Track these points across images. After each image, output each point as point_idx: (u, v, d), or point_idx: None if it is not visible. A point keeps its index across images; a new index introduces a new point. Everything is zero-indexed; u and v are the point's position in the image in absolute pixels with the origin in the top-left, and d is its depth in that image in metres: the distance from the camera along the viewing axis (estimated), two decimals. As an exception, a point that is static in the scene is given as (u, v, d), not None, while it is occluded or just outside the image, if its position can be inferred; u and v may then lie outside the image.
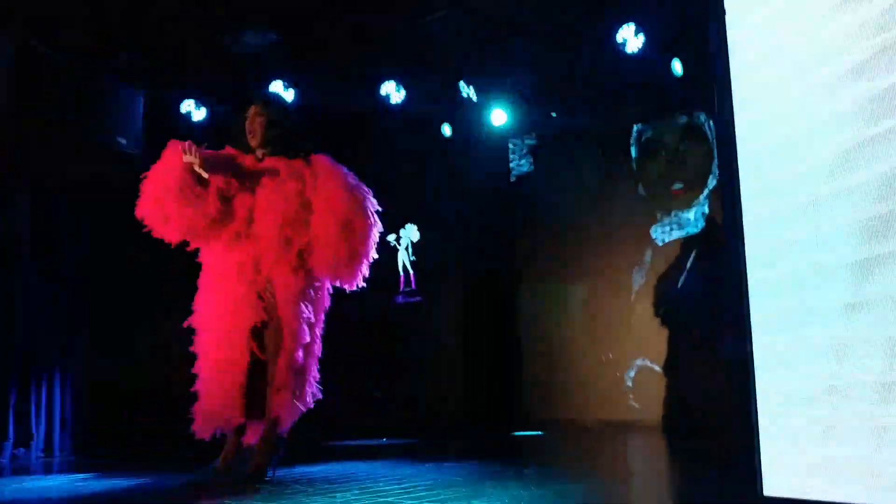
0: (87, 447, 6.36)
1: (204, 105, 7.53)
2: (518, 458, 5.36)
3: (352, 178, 4.23)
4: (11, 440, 5.93)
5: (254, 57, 6.90)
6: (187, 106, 7.51)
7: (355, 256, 4.10)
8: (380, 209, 4.36)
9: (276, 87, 7.45)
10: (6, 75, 6.19)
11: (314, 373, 4.12)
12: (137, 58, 6.74)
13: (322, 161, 4.20)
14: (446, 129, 8.21)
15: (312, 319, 4.06)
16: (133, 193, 4.10)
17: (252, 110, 4.22)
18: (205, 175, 3.86)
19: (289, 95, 7.44)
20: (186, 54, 6.95)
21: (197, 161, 3.80)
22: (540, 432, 7.10)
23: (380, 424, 7.55)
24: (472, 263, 8.41)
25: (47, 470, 5.37)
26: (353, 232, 4.06)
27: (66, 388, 6.48)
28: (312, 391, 4.09)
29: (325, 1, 6.46)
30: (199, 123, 7.50)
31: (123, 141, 6.65)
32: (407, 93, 7.71)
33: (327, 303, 4.27)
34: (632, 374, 7.48)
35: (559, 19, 6.72)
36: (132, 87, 6.75)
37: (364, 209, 4.16)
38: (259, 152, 4.20)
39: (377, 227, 4.25)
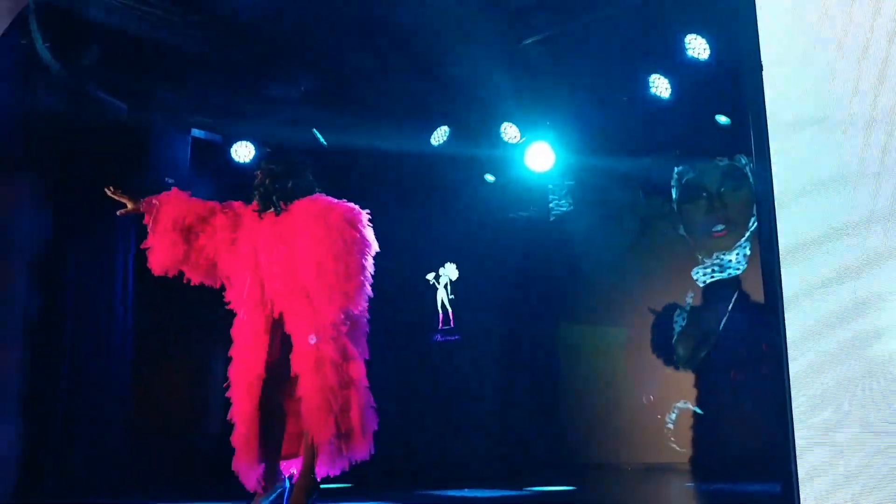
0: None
1: (253, 146, 7.70)
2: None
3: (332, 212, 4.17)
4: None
5: (298, 102, 7.05)
6: (236, 148, 7.69)
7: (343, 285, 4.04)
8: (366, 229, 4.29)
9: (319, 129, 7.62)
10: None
11: (364, 399, 4.05)
12: (185, 100, 6.95)
13: (301, 206, 4.21)
14: (489, 177, 8.33)
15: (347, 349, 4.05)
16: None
17: (259, 174, 4.34)
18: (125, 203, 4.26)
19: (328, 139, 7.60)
20: (237, 97, 7.15)
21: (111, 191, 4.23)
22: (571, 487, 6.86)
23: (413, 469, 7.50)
24: (512, 304, 8.42)
25: None
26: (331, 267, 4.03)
27: (106, 424, 6.61)
28: (364, 410, 4.03)
29: (366, 44, 6.60)
30: (246, 165, 7.67)
31: (171, 181, 6.84)
32: (449, 134, 7.83)
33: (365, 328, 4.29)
34: (673, 416, 7.39)
35: (600, 65, 6.79)
36: (180, 128, 6.98)
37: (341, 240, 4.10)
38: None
39: (364, 250, 4.20)
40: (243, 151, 7.69)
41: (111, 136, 6.69)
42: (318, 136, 7.56)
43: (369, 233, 4.23)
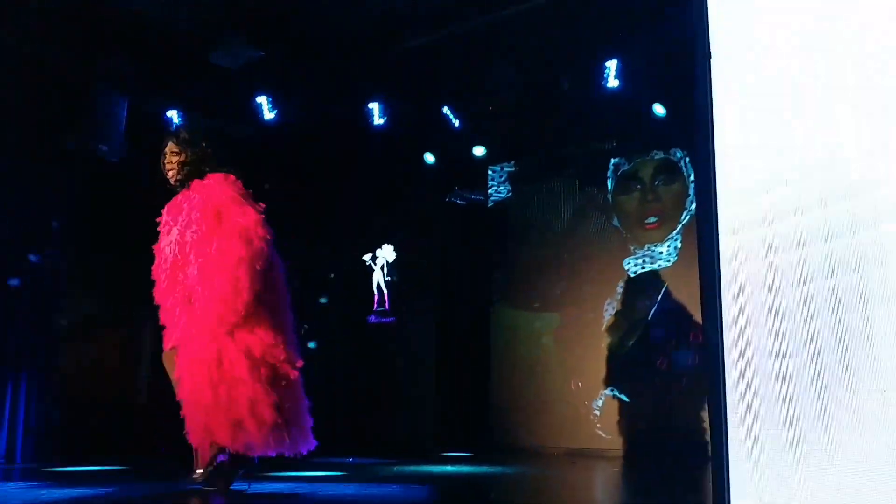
0: (51, 455, 6.28)
1: (188, 116, 7.54)
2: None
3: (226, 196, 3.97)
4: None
5: (239, 72, 6.92)
6: (171, 115, 7.52)
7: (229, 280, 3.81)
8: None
9: (260, 101, 7.52)
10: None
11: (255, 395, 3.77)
12: (124, 65, 6.75)
13: (201, 184, 4.04)
14: (429, 157, 8.33)
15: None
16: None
17: (168, 147, 4.13)
18: None
19: (271, 114, 7.50)
20: (174, 64, 6.97)
21: None
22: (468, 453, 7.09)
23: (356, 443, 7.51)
24: (447, 287, 8.47)
25: (6, 477, 5.31)
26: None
27: (32, 393, 6.42)
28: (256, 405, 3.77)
29: (311, 20, 6.51)
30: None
31: (105, 148, 6.67)
32: (390, 115, 7.80)
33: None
34: (600, 402, 7.55)
35: (545, 49, 6.84)
36: (117, 93, 6.78)
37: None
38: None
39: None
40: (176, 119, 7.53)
41: (45, 98, 6.46)
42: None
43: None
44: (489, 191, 8.57)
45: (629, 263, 7.72)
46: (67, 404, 6.70)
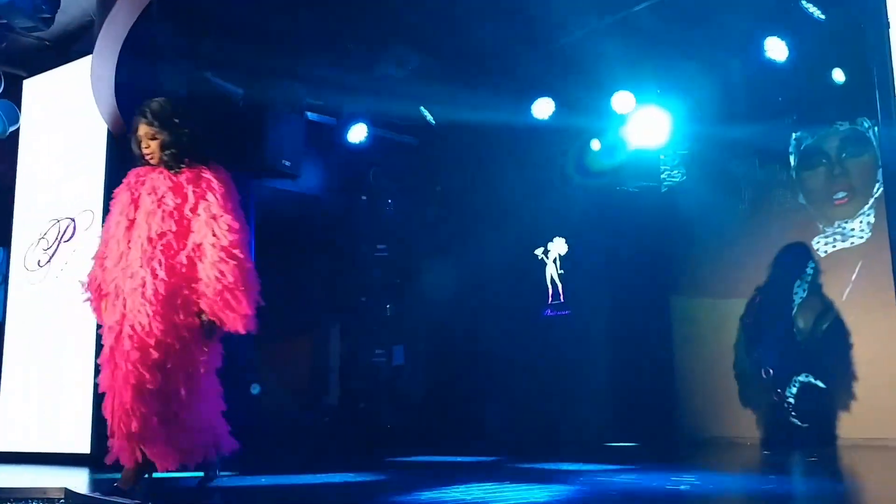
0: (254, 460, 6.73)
1: (365, 126, 7.88)
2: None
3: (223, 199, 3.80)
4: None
5: (406, 79, 7.15)
6: (352, 130, 7.89)
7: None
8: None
9: (426, 106, 7.72)
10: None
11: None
12: (298, 85, 7.15)
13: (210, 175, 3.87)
14: (595, 144, 8.23)
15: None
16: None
17: (142, 130, 3.87)
18: None
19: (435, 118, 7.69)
20: (345, 78, 7.31)
21: None
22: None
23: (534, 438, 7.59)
24: (623, 278, 8.34)
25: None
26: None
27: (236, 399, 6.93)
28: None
29: (470, 22, 6.62)
30: (359, 145, 7.84)
31: (288, 163, 7.09)
32: (555, 109, 7.78)
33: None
34: (793, 390, 7.19)
35: (709, 31, 6.62)
36: (294, 111, 7.18)
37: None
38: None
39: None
40: (358, 132, 7.87)
41: (229, 121, 6.95)
42: (426, 113, 7.65)
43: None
44: (662, 176, 8.35)
45: (818, 242, 7.29)
46: (262, 408, 7.16)
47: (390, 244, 8.83)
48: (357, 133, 7.91)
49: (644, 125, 7.69)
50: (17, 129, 7.11)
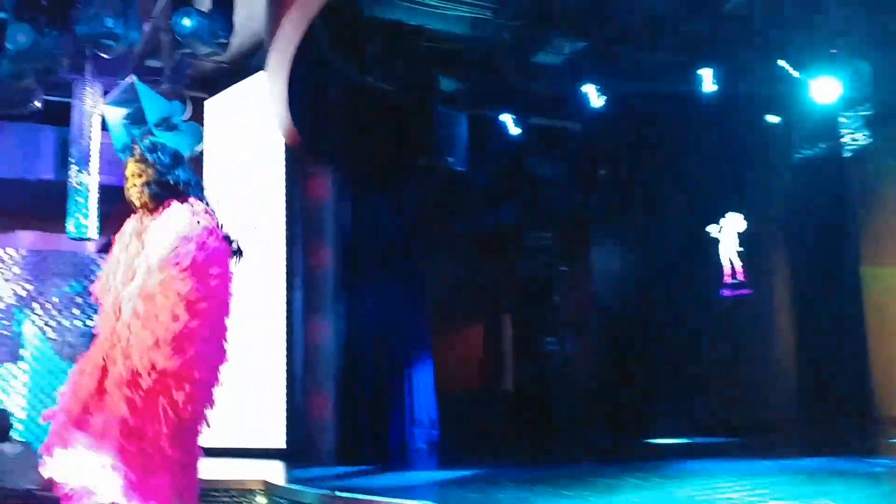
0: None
1: (520, 118, 7.91)
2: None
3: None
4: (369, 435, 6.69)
5: (563, 66, 7.10)
6: (505, 119, 7.94)
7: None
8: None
9: (587, 91, 7.61)
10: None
11: None
12: (458, 82, 7.27)
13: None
14: (771, 118, 7.84)
15: None
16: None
17: (130, 168, 3.40)
18: None
19: (600, 101, 7.56)
20: (501, 71, 7.36)
21: None
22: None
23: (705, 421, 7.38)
24: (808, 250, 7.90)
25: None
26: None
27: (415, 388, 7.16)
28: None
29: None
30: (519, 136, 7.88)
31: (452, 160, 7.23)
32: (722, 80, 7.46)
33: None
34: None
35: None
36: (456, 109, 7.31)
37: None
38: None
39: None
40: (518, 123, 7.93)
41: (393, 122, 7.18)
42: (589, 96, 7.54)
43: None
44: (843, 140, 7.82)
45: None
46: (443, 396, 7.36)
47: (556, 232, 8.82)
48: (517, 124, 7.95)
49: (821, 87, 7.22)
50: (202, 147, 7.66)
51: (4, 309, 7.13)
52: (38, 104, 7.02)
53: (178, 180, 3.39)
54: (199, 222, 3.25)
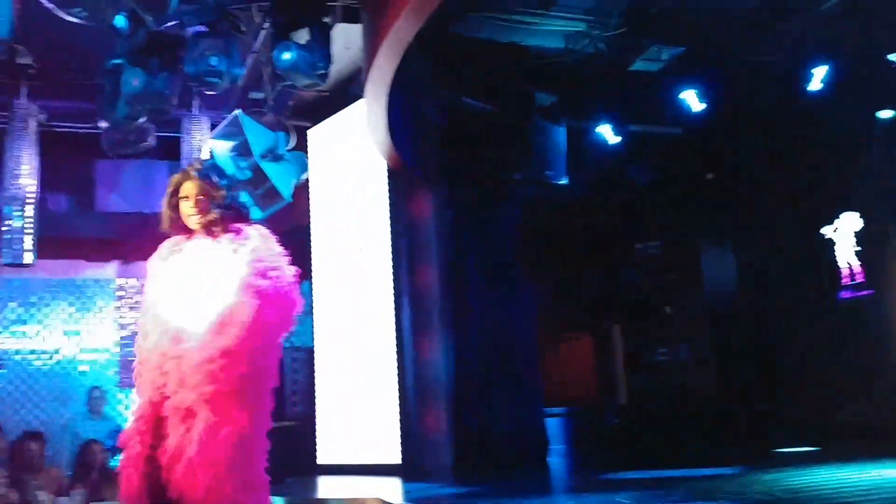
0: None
1: (617, 127, 7.83)
2: None
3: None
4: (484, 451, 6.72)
5: (661, 73, 7.01)
6: (605, 131, 7.87)
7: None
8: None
9: (686, 96, 7.48)
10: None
11: None
12: (554, 95, 7.27)
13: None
14: (882, 114, 7.51)
15: None
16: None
17: (194, 189, 3.40)
18: None
19: (701, 105, 7.42)
20: (597, 81, 7.32)
21: None
22: None
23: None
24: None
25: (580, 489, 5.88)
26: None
27: (525, 402, 7.14)
28: None
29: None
30: (616, 146, 7.81)
31: (551, 173, 7.22)
32: (833, 76, 7.20)
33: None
34: None
35: None
36: (553, 122, 7.31)
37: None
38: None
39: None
40: (616, 131, 7.85)
41: (491, 140, 7.23)
42: (689, 101, 7.42)
43: None
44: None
45: None
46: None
47: (663, 240, 8.67)
48: (614, 132, 7.87)
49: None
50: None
51: (130, 336, 7.51)
52: (151, 141, 7.37)
53: (241, 204, 3.49)
54: (273, 248, 3.35)
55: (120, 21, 5.92)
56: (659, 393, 8.46)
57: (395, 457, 6.87)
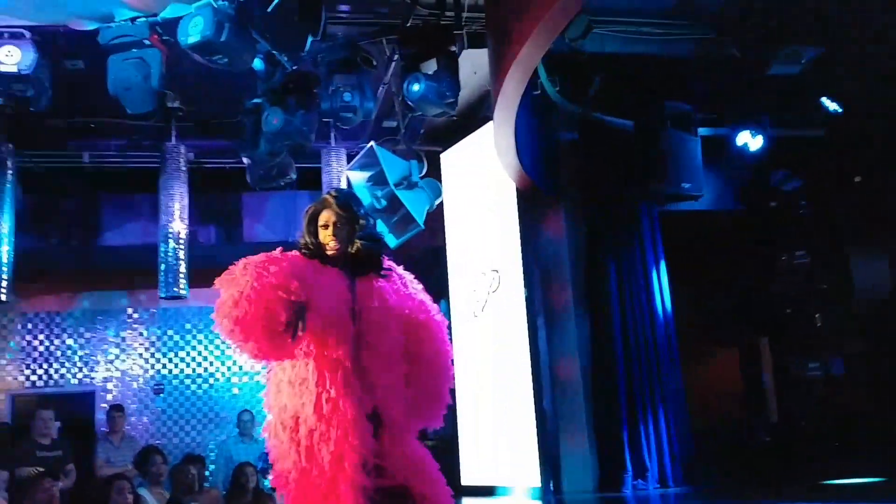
0: (696, 478, 6.72)
1: (757, 132, 7.55)
2: None
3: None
4: (630, 473, 6.60)
5: (801, 75, 6.72)
6: (743, 138, 7.60)
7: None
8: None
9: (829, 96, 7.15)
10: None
11: None
12: (687, 105, 7.09)
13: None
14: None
15: None
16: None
17: (333, 217, 3.31)
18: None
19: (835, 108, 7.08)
20: (733, 88, 7.10)
21: None
22: None
23: None
24: None
25: (664, 501, 5.81)
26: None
27: (670, 421, 6.95)
28: None
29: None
30: (756, 153, 7.52)
31: (688, 186, 7.03)
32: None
33: None
34: None
35: None
36: (688, 132, 7.12)
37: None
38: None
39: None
40: (756, 137, 7.57)
41: (625, 155, 7.12)
42: (827, 104, 7.09)
43: None
44: None
45: None
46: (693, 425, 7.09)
47: (810, 248, 8.24)
48: (754, 138, 7.58)
49: None
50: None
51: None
52: (293, 175, 7.69)
53: (378, 234, 3.48)
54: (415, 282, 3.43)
55: (258, 64, 6.23)
56: (812, 410, 8.03)
57: (534, 479, 6.85)
